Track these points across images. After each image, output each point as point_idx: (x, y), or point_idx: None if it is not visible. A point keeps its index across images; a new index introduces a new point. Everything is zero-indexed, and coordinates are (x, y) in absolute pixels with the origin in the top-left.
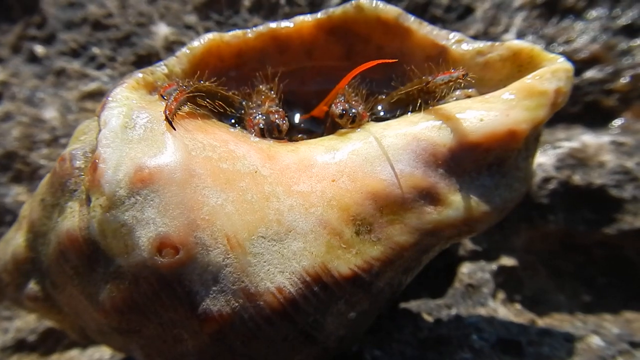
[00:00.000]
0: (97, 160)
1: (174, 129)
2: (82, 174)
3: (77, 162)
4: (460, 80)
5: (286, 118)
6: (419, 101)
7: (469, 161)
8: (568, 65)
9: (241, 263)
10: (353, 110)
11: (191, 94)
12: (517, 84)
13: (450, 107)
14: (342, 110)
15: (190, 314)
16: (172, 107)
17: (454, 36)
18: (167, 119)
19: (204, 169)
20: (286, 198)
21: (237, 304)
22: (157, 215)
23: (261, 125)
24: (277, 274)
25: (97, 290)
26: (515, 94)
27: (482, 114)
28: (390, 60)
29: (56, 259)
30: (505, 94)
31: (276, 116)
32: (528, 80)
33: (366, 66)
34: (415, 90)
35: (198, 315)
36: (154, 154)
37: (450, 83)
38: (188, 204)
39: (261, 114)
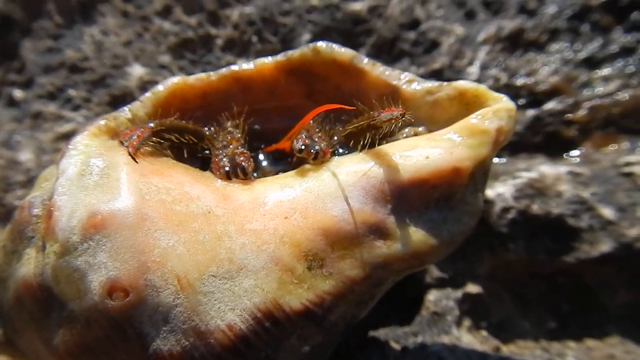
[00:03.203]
0: (52, 209)
1: (137, 162)
2: (39, 221)
3: (35, 210)
4: (399, 120)
5: (251, 159)
6: (368, 135)
7: (417, 197)
8: (510, 105)
9: (191, 302)
10: (316, 147)
11: (156, 129)
12: (461, 123)
13: (399, 144)
14: (302, 145)
15: (141, 355)
16: (135, 143)
17: (405, 76)
18: (130, 154)
19: (157, 212)
20: (238, 237)
21: (187, 343)
22: (108, 259)
23: (226, 168)
24: (228, 311)
25: (51, 334)
26: (459, 133)
27: (428, 152)
28: (350, 108)
29: (14, 304)
30: (450, 132)
31: (241, 158)
32: (472, 119)
33: (327, 107)
34: (364, 125)
35: (149, 356)
36: (108, 200)
37: (392, 120)
38: (139, 247)
39: (226, 156)
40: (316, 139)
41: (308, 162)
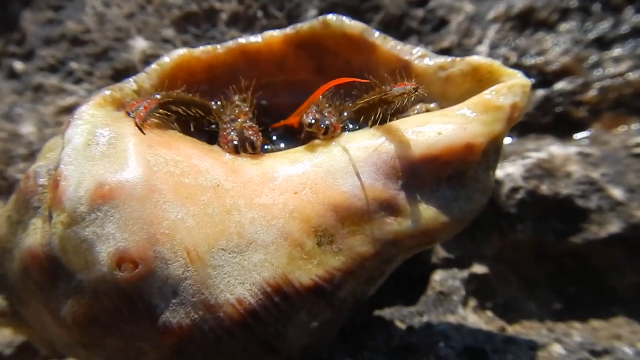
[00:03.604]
0: (58, 178)
1: (144, 134)
2: (45, 191)
3: (41, 179)
4: (411, 94)
5: (260, 134)
6: (379, 110)
7: (429, 174)
8: (525, 81)
9: (201, 275)
10: (326, 122)
11: (163, 101)
12: (475, 99)
13: (411, 120)
14: (312, 119)
15: (150, 327)
16: (142, 114)
17: (417, 51)
18: (137, 125)
19: (165, 184)
20: (248, 211)
21: (196, 316)
22: (116, 230)
23: (235, 142)
24: (237, 285)
25: (58, 305)
26: (473, 109)
27: (440, 128)
28: (363, 81)
29: (20, 275)
30: (463, 108)
31: (250, 132)
32: (486, 95)
33: (339, 81)
34: (375, 100)
35: (158, 327)
36: (115, 170)
37: (405, 95)
38: (148, 219)
39: (235, 129)
40: (326, 114)
41: (318, 137)
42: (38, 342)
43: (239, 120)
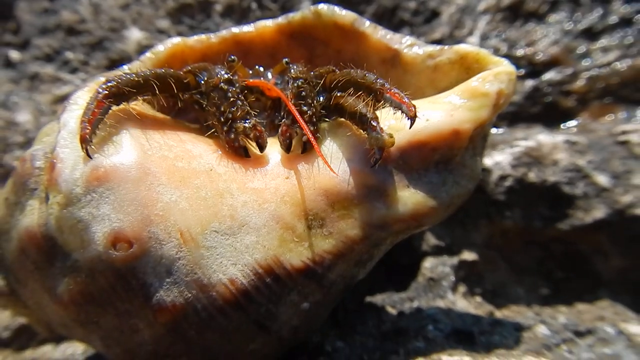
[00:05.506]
0: (55, 160)
1: (91, 158)
2: (42, 173)
3: (37, 162)
4: (407, 112)
5: (264, 131)
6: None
7: (417, 159)
8: (510, 68)
9: (194, 256)
10: (299, 135)
11: (108, 102)
12: (462, 86)
13: None
14: (287, 140)
15: (144, 305)
16: (87, 132)
17: (406, 40)
18: (84, 151)
19: (159, 167)
20: (240, 194)
21: (190, 295)
22: (112, 211)
23: (243, 148)
24: (230, 266)
25: (55, 283)
26: (460, 96)
27: (428, 115)
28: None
29: (17, 255)
30: (451, 95)
31: (256, 133)
32: (473, 82)
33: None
34: (365, 87)
35: (152, 305)
36: (111, 154)
37: (397, 109)
38: (142, 201)
39: (237, 132)
40: (298, 127)
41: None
42: (35, 323)
43: (247, 123)
